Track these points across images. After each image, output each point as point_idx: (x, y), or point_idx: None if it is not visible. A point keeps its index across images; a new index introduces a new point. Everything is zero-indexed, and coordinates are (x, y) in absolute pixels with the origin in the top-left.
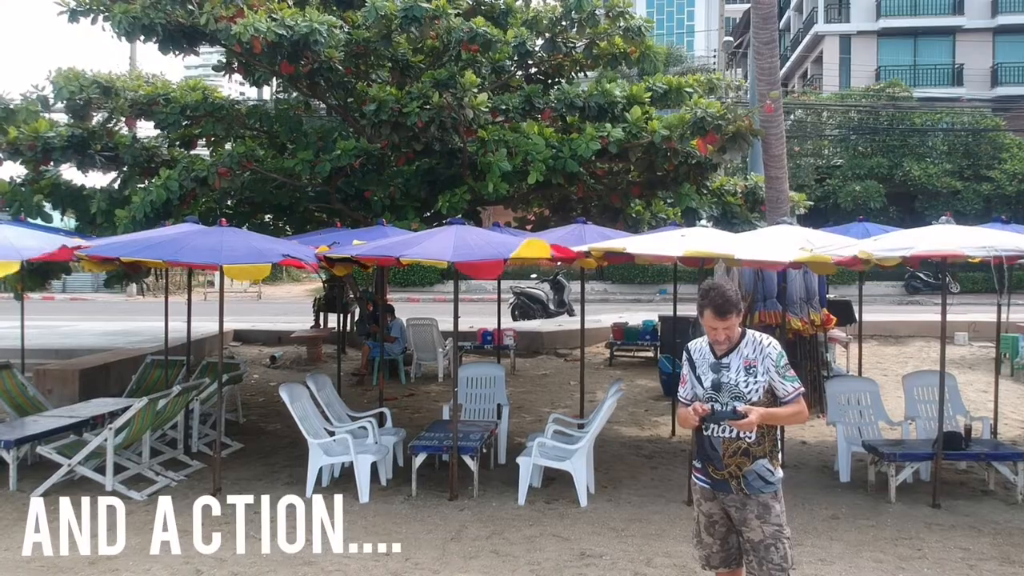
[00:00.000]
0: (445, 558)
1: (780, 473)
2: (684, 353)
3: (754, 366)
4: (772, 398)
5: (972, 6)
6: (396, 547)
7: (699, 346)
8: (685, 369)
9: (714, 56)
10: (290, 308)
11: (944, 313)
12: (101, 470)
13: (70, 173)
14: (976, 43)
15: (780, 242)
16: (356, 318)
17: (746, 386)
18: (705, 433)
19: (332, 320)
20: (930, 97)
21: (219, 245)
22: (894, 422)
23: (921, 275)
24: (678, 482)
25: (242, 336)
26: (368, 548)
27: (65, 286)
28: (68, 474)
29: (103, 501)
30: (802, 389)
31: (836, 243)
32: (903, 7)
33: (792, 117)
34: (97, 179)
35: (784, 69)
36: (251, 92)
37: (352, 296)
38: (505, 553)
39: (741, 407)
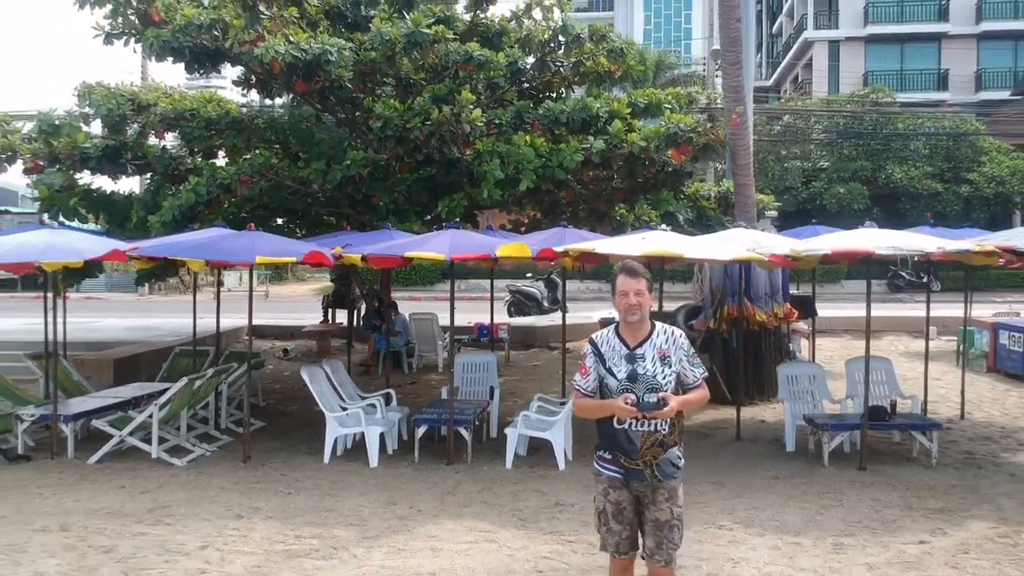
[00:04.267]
0: (443, 507)
1: (681, 461)
2: (589, 345)
3: (668, 356)
4: (679, 387)
5: (957, 13)
6: (402, 499)
7: (607, 338)
8: (590, 361)
9: (703, 63)
10: (297, 306)
11: (867, 308)
12: (146, 441)
13: (97, 179)
14: (961, 49)
15: (730, 243)
16: (363, 313)
17: (663, 376)
18: (620, 426)
19: (340, 316)
20: (915, 102)
21: (251, 246)
22: (835, 400)
23: (903, 274)
24: None
25: (256, 331)
26: (378, 500)
27: (79, 286)
28: (118, 444)
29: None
30: (706, 374)
31: (777, 244)
32: (890, 14)
33: (781, 122)
34: (122, 185)
35: (776, 74)
36: (253, 95)
37: (359, 293)
38: (493, 503)
39: (662, 396)
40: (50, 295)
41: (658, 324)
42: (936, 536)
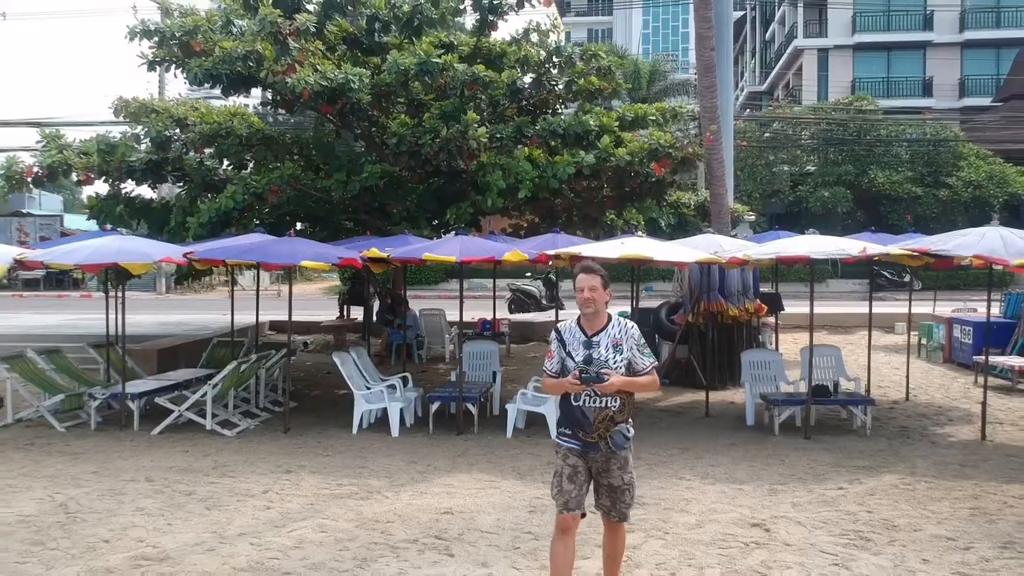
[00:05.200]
0: (455, 465)
1: (632, 432)
2: (554, 333)
3: (620, 344)
4: (630, 373)
5: (941, 22)
6: (420, 460)
7: (569, 327)
8: (554, 346)
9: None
10: (308, 303)
11: (810, 305)
12: (200, 416)
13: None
14: (945, 57)
15: (695, 248)
16: (377, 310)
17: (614, 361)
18: (576, 404)
19: (354, 312)
20: (899, 108)
21: (292, 251)
22: (790, 382)
23: (885, 273)
24: None
25: (276, 326)
26: (401, 460)
27: (101, 285)
28: (176, 418)
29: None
30: (656, 364)
31: (736, 248)
32: (877, 23)
33: (770, 128)
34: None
35: (769, 79)
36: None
37: (372, 291)
38: (496, 462)
39: (604, 372)
40: (111, 293)
41: (614, 317)
42: (853, 484)
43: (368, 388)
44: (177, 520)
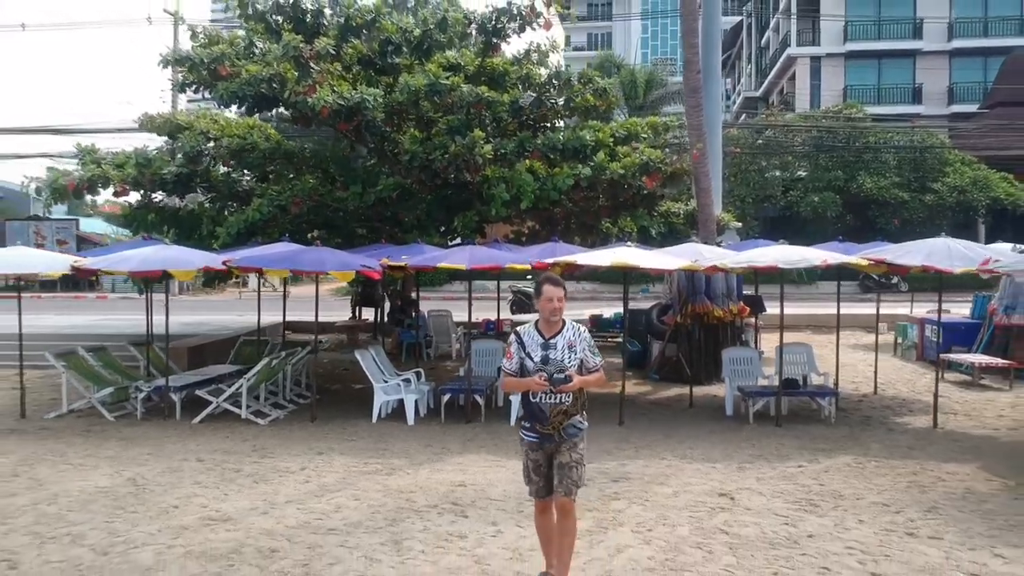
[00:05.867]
0: (466, 448)
1: (586, 424)
2: (513, 336)
3: (574, 346)
4: (582, 371)
5: (930, 31)
6: (435, 443)
7: (527, 331)
8: (514, 348)
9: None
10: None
11: (780, 307)
12: (235, 407)
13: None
14: (934, 65)
15: (678, 256)
16: (388, 310)
17: (568, 360)
18: (534, 400)
19: (365, 313)
20: (891, 115)
21: (320, 259)
22: (766, 376)
23: (874, 276)
24: (610, 411)
25: (291, 326)
26: (418, 444)
27: (115, 287)
28: (214, 408)
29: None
30: (603, 363)
31: (715, 256)
32: (868, 32)
33: (763, 136)
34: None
35: (765, 85)
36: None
37: (383, 293)
38: (502, 445)
39: (568, 374)
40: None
41: (568, 321)
42: (811, 463)
43: (386, 381)
44: (231, 491)
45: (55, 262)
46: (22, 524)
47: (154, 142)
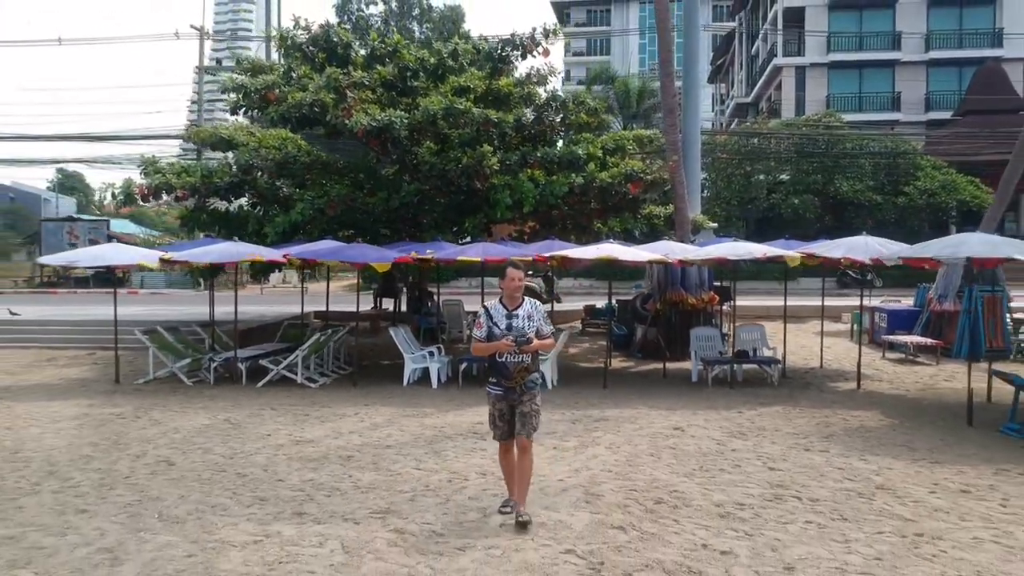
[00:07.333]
0: (479, 401)
1: (540, 379)
2: (483, 309)
3: (532, 316)
4: (537, 336)
5: (908, 42)
6: (456, 399)
7: (494, 305)
8: (483, 319)
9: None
10: (335, 298)
11: (732, 295)
12: (292, 374)
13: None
14: (912, 75)
15: (652, 251)
16: (406, 300)
17: (528, 328)
18: (501, 360)
19: (386, 303)
20: (870, 121)
21: (362, 253)
22: (724, 350)
23: (850, 272)
24: (598, 379)
25: (320, 316)
26: (442, 400)
27: (143, 283)
28: (273, 376)
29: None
30: (555, 331)
31: (682, 252)
32: (850, 43)
33: (749, 143)
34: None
35: (754, 92)
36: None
37: (401, 286)
38: None
39: (529, 337)
40: (228, 287)
41: (527, 299)
42: (749, 410)
43: (413, 353)
44: (306, 426)
45: (148, 256)
46: (163, 444)
47: (169, 149)
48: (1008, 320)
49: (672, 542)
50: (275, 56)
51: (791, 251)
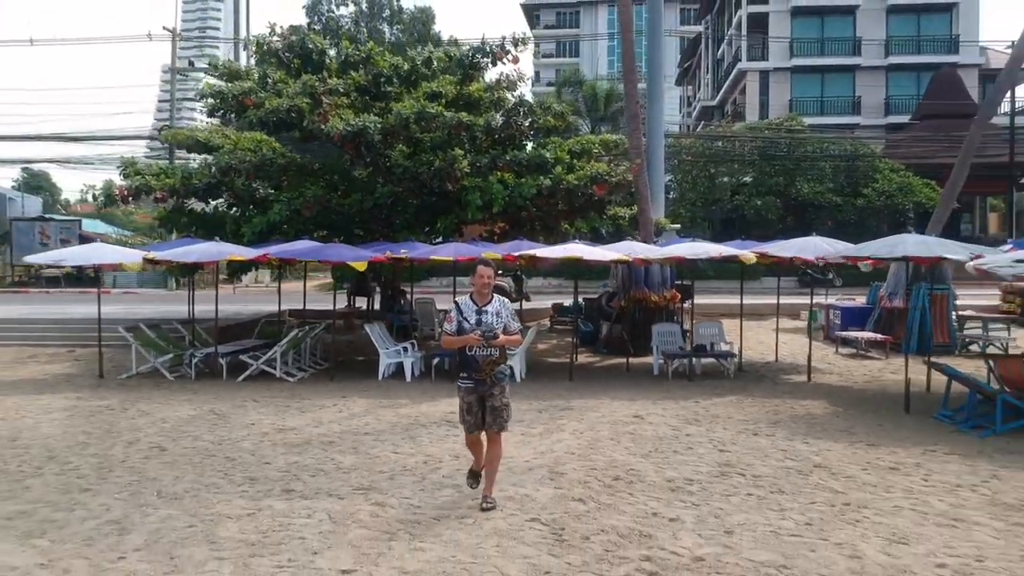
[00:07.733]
0: (452, 393)
1: (508, 371)
2: (454, 305)
3: (500, 313)
4: (505, 332)
5: (868, 48)
6: (429, 392)
7: (465, 301)
8: (454, 314)
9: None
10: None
11: (691, 294)
12: (271, 368)
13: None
14: (872, 79)
15: (616, 251)
16: (380, 299)
17: (496, 324)
18: (470, 353)
19: (359, 301)
20: (831, 124)
21: (339, 253)
22: (684, 345)
23: (810, 271)
24: (564, 373)
25: (295, 314)
26: (416, 392)
27: (116, 282)
28: (252, 370)
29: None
30: (520, 328)
31: (643, 252)
32: (812, 48)
33: (713, 146)
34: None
35: (720, 95)
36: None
37: (374, 285)
38: None
39: (496, 331)
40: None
41: (496, 296)
42: (704, 400)
43: (387, 348)
44: (287, 417)
45: (132, 255)
46: (153, 432)
47: (138, 150)
48: (953, 317)
49: (626, 511)
50: (244, 57)
51: (745, 251)
